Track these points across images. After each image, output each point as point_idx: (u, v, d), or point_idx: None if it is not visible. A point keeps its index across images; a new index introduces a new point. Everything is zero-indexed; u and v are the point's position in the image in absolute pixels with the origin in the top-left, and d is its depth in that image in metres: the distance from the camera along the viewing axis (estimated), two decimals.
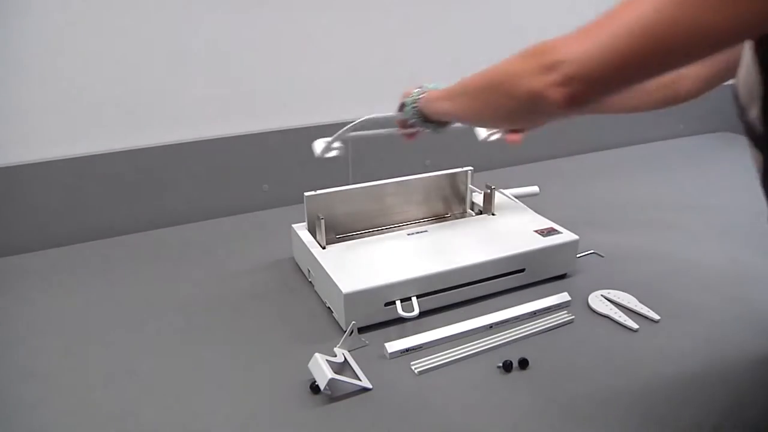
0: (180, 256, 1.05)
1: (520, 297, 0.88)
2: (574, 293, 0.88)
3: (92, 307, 0.88)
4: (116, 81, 1.09)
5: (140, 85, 1.11)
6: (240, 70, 1.18)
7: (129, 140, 1.12)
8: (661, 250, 1.03)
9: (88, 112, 1.08)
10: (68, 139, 1.08)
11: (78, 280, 0.97)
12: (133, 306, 0.89)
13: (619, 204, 1.26)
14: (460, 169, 1.05)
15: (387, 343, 0.76)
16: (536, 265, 0.91)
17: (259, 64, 1.19)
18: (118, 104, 1.10)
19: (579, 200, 1.29)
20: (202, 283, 0.95)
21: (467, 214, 1.07)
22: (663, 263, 0.99)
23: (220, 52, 1.15)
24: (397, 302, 0.81)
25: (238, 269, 0.99)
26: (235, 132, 1.21)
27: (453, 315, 0.84)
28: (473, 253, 0.87)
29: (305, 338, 0.80)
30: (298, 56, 1.22)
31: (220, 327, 0.83)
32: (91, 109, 1.08)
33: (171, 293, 0.92)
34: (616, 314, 0.83)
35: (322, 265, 0.84)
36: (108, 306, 0.89)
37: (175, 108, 1.15)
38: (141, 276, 0.98)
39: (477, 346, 0.77)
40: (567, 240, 0.93)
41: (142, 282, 0.96)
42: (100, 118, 1.10)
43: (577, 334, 0.80)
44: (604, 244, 1.04)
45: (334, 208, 0.96)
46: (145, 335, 0.81)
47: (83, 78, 1.06)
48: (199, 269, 1.00)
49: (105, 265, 1.02)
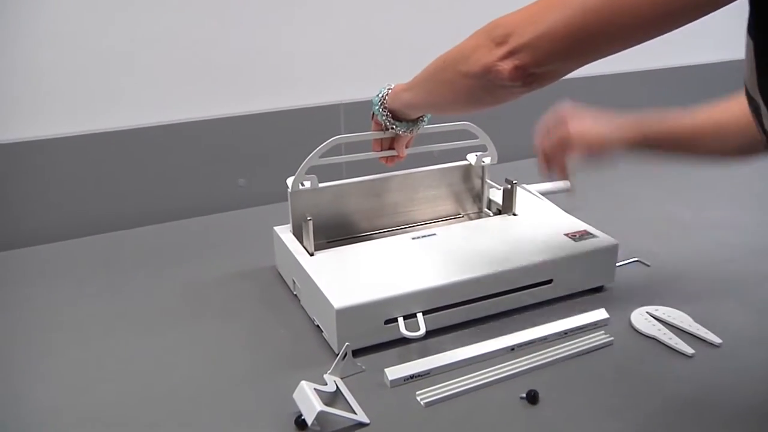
0: (135, 265, 1.04)
1: (548, 314, 0.88)
2: (613, 310, 0.88)
3: (27, 326, 0.89)
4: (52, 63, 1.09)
5: (85, 63, 1.11)
6: (209, 42, 1.18)
7: (68, 125, 1.13)
8: (721, 259, 1.03)
9: (27, 96, 1.09)
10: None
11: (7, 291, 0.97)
12: (73, 325, 0.88)
13: (670, 202, 1.26)
14: (476, 156, 1.05)
15: (387, 369, 0.76)
16: (567, 276, 0.91)
17: (232, 35, 1.20)
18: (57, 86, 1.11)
19: (619, 197, 1.28)
20: (162, 297, 0.95)
21: (483, 213, 1.07)
22: (724, 275, 0.98)
23: (182, 20, 1.15)
24: (399, 320, 0.81)
25: (207, 281, 0.99)
26: (204, 116, 1.21)
27: (467, 335, 0.84)
28: (491, 261, 0.87)
29: (289, 363, 0.80)
30: (278, 25, 1.22)
31: (185, 350, 0.83)
32: (32, 92, 1.09)
33: (123, 309, 0.92)
34: (666, 336, 0.83)
35: (310, 276, 0.84)
36: (48, 325, 0.89)
37: (128, 88, 1.15)
38: (85, 289, 0.98)
39: (496, 372, 0.77)
40: (604, 245, 0.93)
41: (87, 296, 0.96)
42: (42, 104, 1.10)
43: (618, 359, 0.80)
44: (651, 251, 1.04)
45: (325, 206, 0.96)
46: (89, 357, 0.81)
47: (23, 62, 1.07)
48: (160, 281, 0.99)
49: (39, 278, 1.02)
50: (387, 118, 0.87)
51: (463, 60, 0.68)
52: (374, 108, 0.88)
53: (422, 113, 0.88)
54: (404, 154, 0.94)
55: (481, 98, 0.71)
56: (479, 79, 0.66)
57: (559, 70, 0.64)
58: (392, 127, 0.88)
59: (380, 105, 0.86)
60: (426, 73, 0.77)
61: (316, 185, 0.94)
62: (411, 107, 0.84)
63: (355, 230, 1.00)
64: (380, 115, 0.87)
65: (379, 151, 0.93)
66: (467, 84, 0.68)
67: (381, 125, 0.89)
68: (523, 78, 0.63)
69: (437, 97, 0.77)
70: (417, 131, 0.90)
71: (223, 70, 1.21)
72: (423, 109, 0.86)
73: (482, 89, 0.68)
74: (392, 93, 0.85)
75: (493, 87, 0.66)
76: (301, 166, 0.91)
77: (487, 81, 0.65)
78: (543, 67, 0.63)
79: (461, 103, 0.75)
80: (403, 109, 0.85)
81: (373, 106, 0.88)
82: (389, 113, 0.86)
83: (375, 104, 0.87)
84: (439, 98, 0.77)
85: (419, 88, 0.79)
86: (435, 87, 0.76)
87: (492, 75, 0.64)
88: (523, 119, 1.06)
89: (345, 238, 0.99)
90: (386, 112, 0.86)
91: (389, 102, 0.86)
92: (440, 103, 0.78)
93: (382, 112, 0.86)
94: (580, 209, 1.05)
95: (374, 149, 0.94)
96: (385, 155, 0.93)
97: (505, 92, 0.67)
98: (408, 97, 0.82)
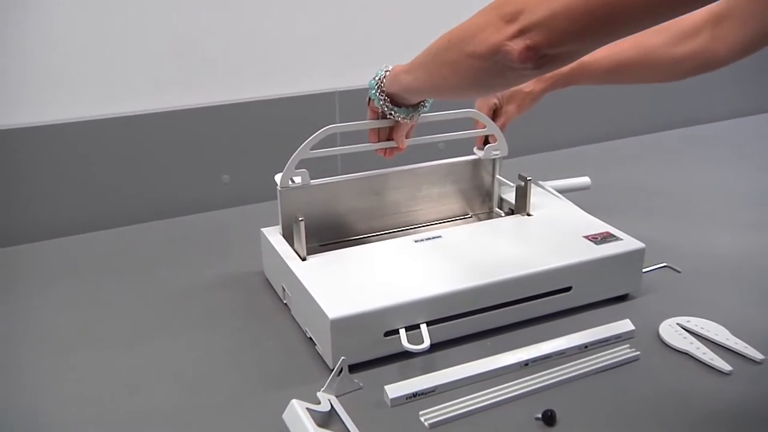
0: (104, 272, 1.04)
1: (566, 325, 0.88)
2: (639, 321, 0.88)
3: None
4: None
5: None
6: (188, 23, 1.18)
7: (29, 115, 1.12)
8: (762, 264, 1.03)
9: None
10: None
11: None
12: (27, 341, 0.88)
13: (703, 199, 1.26)
14: (486, 148, 1.04)
15: (388, 386, 0.76)
16: (587, 283, 0.91)
17: (213, 16, 1.19)
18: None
19: (645, 194, 1.29)
20: (134, 307, 0.95)
21: (494, 213, 1.08)
22: (766, 282, 0.98)
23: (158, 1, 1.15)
24: (401, 331, 0.81)
25: (186, 288, 0.99)
26: (183, 105, 1.21)
27: (475, 349, 0.84)
28: (502, 266, 0.87)
29: (279, 379, 0.80)
30: (265, 3, 1.22)
31: (160, 367, 0.82)
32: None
33: (88, 321, 0.91)
34: (700, 350, 0.83)
35: (302, 282, 0.84)
36: (12, 335, 0.89)
37: (95, 75, 1.15)
38: (45, 298, 0.97)
39: (508, 390, 0.77)
40: (629, 248, 0.93)
41: (47, 306, 0.95)
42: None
43: (644, 376, 0.80)
44: (681, 254, 1.04)
45: (318, 206, 0.96)
46: (44, 379, 0.81)
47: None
48: (132, 289, 0.99)
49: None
50: (384, 103, 0.86)
51: (469, 39, 0.67)
52: (370, 92, 0.87)
53: (423, 98, 0.87)
54: (404, 145, 0.93)
55: (489, 82, 0.71)
56: (486, 60, 0.66)
57: (576, 51, 0.64)
58: (390, 113, 0.87)
59: (377, 89, 0.86)
60: (428, 53, 0.77)
61: (308, 182, 0.94)
62: (411, 91, 0.84)
63: (352, 232, 1.00)
64: (377, 99, 0.86)
65: (377, 142, 0.93)
66: (473, 65, 0.68)
67: (378, 112, 0.89)
68: (534, 60, 0.63)
69: (440, 79, 0.76)
70: (418, 118, 0.90)
71: (203, 54, 1.21)
72: (424, 94, 0.85)
73: (489, 72, 0.68)
74: (390, 75, 0.85)
75: (502, 69, 0.66)
76: (290, 159, 0.90)
77: (495, 62, 0.65)
78: (557, 48, 0.62)
79: (466, 86, 0.75)
80: (402, 93, 0.85)
81: (369, 90, 0.87)
82: (387, 98, 0.86)
83: (371, 88, 0.87)
84: (442, 81, 0.76)
85: (420, 70, 0.79)
86: (438, 69, 0.75)
87: (500, 56, 0.64)
88: (539, 106, 1.06)
89: (340, 240, 0.99)
90: (383, 97, 0.86)
91: (387, 85, 0.85)
92: (443, 87, 0.78)
93: (379, 96, 0.86)
94: (602, 208, 1.05)
95: (371, 140, 0.94)
96: (383, 146, 0.93)
97: (514, 75, 0.67)
98: (408, 80, 0.82)
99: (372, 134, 0.93)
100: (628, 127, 1.61)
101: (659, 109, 1.64)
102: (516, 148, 1.06)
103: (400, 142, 0.92)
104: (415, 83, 0.81)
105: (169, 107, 1.20)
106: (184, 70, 1.20)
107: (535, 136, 1.46)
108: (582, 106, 1.50)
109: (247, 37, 1.22)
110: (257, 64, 1.25)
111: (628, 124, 1.61)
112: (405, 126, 0.91)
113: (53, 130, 1.12)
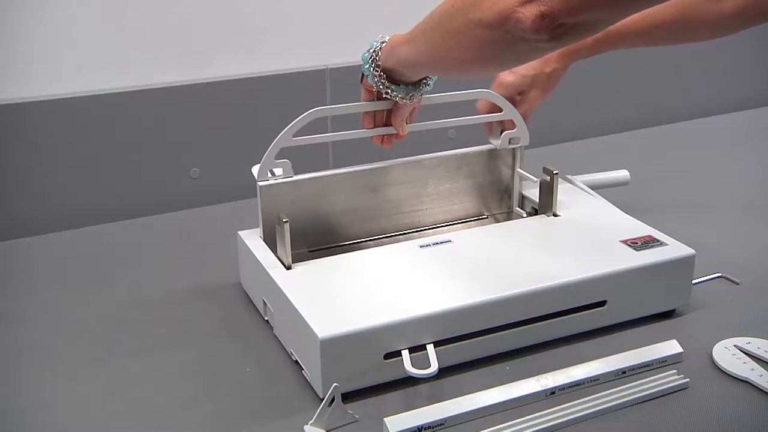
0: (55, 280, 1.04)
1: (600, 346, 0.88)
2: (688, 342, 0.88)
3: None
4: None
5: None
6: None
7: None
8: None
9: None
10: None
11: None
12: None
13: (766, 196, 1.26)
14: (503, 135, 1.04)
15: (388, 419, 0.76)
16: (626, 296, 0.91)
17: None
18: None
19: (695, 191, 1.29)
20: (89, 323, 0.95)
21: (514, 214, 1.08)
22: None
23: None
24: (403, 353, 0.81)
25: (150, 301, 0.99)
26: (145, 84, 1.21)
27: (492, 374, 0.84)
28: (523, 277, 0.88)
29: (259, 411, 0.80)
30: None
31: (118, 395, 0.82)
32: None
33: (35, 338, 0.92)
34: (762, 377, 0.83)
35: (287, 295, 0.84)
36: None
37: (43, 49, 1.15)
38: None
39: (530, 424, 0.77)
40: (676, 256, 0.93)
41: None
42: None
43: (695, 407, 0.80)
44: (740, 263, 1.04)
45: (306, 204, 0.96)
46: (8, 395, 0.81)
47: None
48: (88, 300, 0.99)
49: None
50: (380, 80, 0.86)
51: (475, 4, 0.67)
52: (364, 67, 0.87)
53: (425, 75, 0.87)
54: (405, 132, 0.93)
55: (497, 55, 0.71)
56: (494, 29, 0.66)
57: (599, 20, 0.64)
58: (387, 91, 0.87)
59: (371, 63, 0.85)
60: (429, 20, 0.76)
61: (291, 174, 0.94)
62: (409, 66, 0.83)
63: (345, 236, 1.00)
64: (371, 76, 0.86)
65: (372, 128, 0.93)
66: (479, 36, 0.68)
67: (373, 91, 0.89)
68: (550, 29, 0.63)
69: (442, 51, 0.76)
70: (420, 98, 0.89)
71: (169, 23, 1.21)
72: (425, 69, 0.84)
73: (498, 43, 0.67)
74: (387, 47, 0.84)
75: (512, 41, 0.66)
76: (269, 148, 0.90)
77: (505, 32, 0.65)
78: (577, 16, 0.62)
79: (472, 60, 0.74)
80: (400, 68, 0.84)
81: (363, 65, 0.87)
82: (382, 74, 0.86)
83: (364, 62, 0.86)
84: (445, 53, 0.76)
85: (420, 40, 0.79)
86: (439, 39, 0.75)
87: (510, 24, 0.64)
88: (566, 84, 1.06)
89: (332, 246, 0.99)
90: (378, 72, 0.85)
91: (383, 59, 0.85)
92: (446, 60, 0.78)
93: (373, 72, 0.86)
94: (643, 208, 1.06)
95: (365, 126, 0.93)
96: (379, 133, 0.93)
97: (526, 48, 0.67)
98: (406, 52, 0.81)
99: (367, 118, 0.93)
100: (674, 110, 1.61)
101: (712, 88, 1.64)
102: (540, 135, 1.06)
103: (400, 127, 0.92)
104: (414, 56, 0.80)
105: (124, 87, 1.20)
106: (147, 44, 1.20)
107: (563, 122, 1.46)
108: (618, 83, 1.50)
109: (219, 2, 1.23)
110: (232, 36, 1.25)
111: (675, 106, 1.61)
112: (405, 108, 0.91)
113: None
